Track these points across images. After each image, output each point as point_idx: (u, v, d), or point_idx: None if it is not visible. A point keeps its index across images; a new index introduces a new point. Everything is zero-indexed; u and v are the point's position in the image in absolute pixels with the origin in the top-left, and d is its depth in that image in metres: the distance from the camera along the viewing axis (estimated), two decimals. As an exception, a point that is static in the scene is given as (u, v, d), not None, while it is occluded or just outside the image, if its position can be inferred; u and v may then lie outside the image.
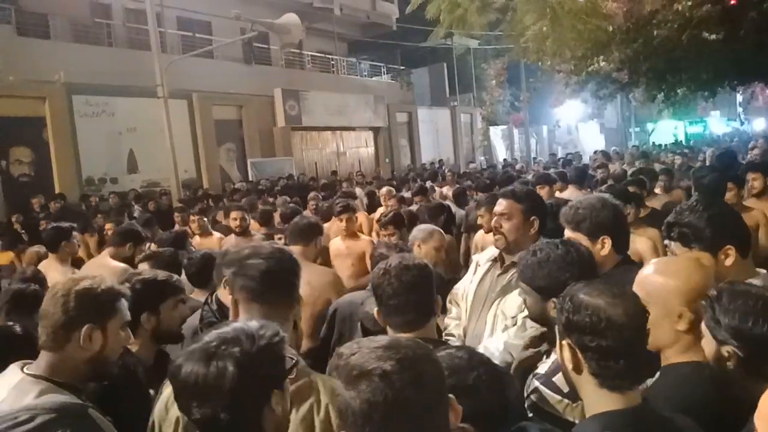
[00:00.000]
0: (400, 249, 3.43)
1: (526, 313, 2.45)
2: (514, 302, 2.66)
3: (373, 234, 6.23)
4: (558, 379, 1.91)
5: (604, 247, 2.51)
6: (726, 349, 1.57)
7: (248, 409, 1.41)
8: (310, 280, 3.64)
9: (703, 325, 1.66)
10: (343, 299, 3.43)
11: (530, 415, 1.96)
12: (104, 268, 4.16)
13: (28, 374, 1.80)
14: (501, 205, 2.97)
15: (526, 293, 2.20)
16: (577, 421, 1.74)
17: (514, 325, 2.60)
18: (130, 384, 2.15)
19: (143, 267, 3.79)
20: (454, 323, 3.13)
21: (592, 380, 1.50)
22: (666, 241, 2.37)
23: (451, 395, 1.25)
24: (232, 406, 1.36)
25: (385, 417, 1.12)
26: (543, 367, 2.08)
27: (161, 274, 2.55)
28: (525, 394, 2.03)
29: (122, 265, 4.31)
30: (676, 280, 1.79)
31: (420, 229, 4.06)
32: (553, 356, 1.99)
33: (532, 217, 2.93)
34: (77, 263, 5.35)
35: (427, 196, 7.77)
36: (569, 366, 1.55)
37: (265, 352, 1.41)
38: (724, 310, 1.58)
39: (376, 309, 2.11)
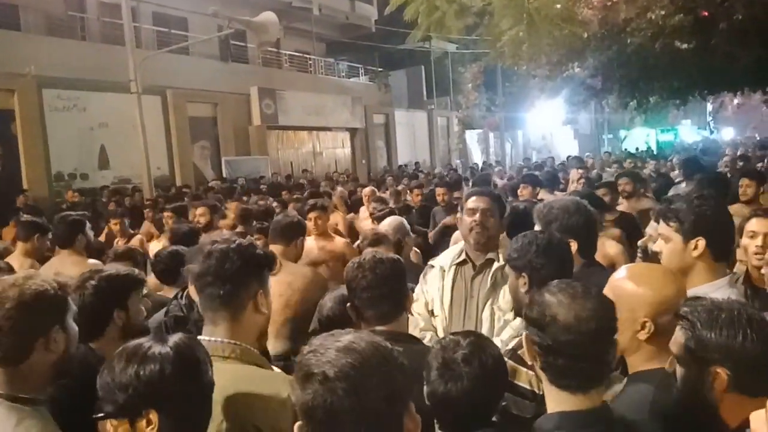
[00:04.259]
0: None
1: None
2: (507, 297, 2.71)
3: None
4: (523, 352, 1.93)
5: None
6: (714, 370, 1.46)
7: None
8: (291, 281, 3.59)
9: (672, 346, 1.56)
10: None
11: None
12: (76, 266, 3.99)
13: None
14: (483, 201, 3.02)
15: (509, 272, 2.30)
16: (543, 393, 1.75)
17: (514, 318, 2.63)
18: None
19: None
20: (429, 334, 2.94)
21: (543, 375, 1.54)
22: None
23: (411, 403, 1.21)
24: None
25: (324, 422, 1.11)
26: (512, 343, 2.19)
27: (122, 269, 2.47)
28: None
29: (93, 261, 4.25)
30: (647, 289, 1.76)
31: None
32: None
33: (504, 214, 3.13)
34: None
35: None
36: (529, 358, 1.60)
37: None
38: (709, 327, 1.48)
39: (348, 304, 2.15)
